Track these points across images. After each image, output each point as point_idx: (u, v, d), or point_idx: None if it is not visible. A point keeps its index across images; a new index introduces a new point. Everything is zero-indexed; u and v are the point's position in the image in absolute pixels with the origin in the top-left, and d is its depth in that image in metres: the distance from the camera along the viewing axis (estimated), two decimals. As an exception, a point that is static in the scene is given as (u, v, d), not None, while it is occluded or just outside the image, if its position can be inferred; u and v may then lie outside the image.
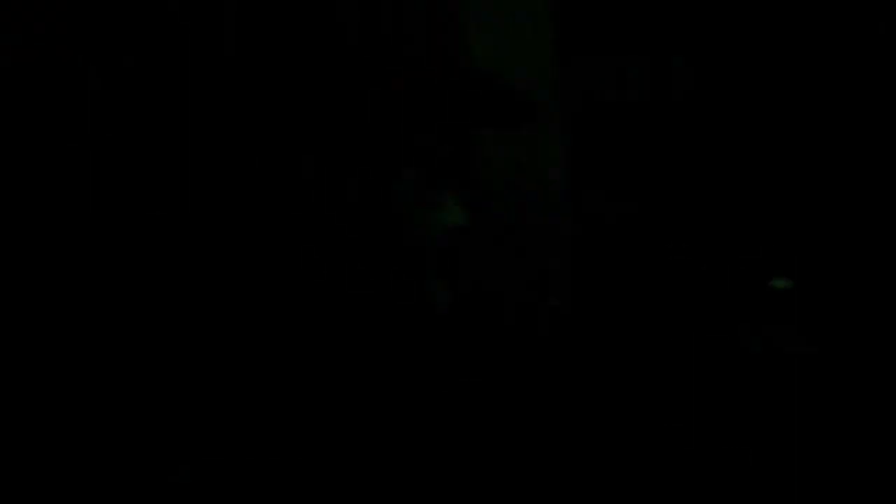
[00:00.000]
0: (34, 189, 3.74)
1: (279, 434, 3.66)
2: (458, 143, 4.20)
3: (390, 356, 3.89)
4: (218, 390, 3.76)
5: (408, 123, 3.90)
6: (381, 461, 3.55)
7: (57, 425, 3.59)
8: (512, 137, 4.42)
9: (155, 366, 3.74)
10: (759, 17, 4.34)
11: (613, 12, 4.51)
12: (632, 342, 4.26)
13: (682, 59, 4.44)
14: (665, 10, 4.46)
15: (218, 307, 3.83)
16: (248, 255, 3.91)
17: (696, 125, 4.51)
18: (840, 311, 4.23)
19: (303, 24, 3.98)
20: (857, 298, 4.25)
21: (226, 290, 3.86)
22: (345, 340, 3.89)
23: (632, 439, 3.74)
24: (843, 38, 4.28)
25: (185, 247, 3.84)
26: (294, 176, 3.93)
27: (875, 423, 3.86)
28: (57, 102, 3.77)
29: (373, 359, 3.89)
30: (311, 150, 3.93)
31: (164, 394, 3.71)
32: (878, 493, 3.32)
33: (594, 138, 4.64)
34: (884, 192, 4.30)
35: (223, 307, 3.84)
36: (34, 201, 3.74)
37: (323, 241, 3.96)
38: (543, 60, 4.49)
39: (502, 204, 4.49)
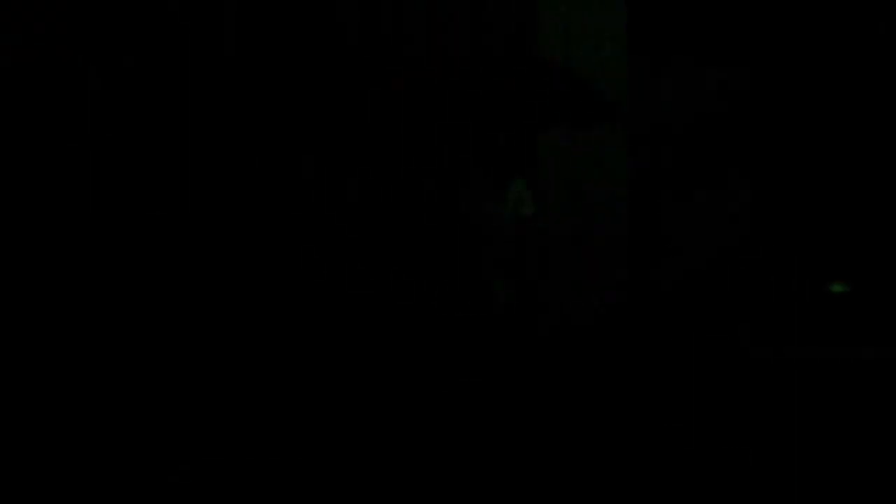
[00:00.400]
0: (34, 188, 3.74)
1: (280, 434, 3.65)
2: (526, 135, 4.19)
3: (448, 347, 3.88)
4: (218, 390, 3.76)
5: (478, 116, 3.89)
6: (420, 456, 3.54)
7: (57, 425, 3.58)
8: (577, 133, 4.43)
9: (156, 366, 3.74)
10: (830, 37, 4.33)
11: (685, 19, 4.50)
12: (685, 341, 4.26)
13: (749, 70, 4.43)
14: (733, 21, 4.46)
15: (224, 307, 3.83)
16: (257, 253, 3.90)
17: (757, 133, 4.51)
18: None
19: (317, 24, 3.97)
20: None
21: (231, 290, 3.85)
22: (393, 332, 3.89)
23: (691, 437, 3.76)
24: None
25: (186, 246, 3.84)
26: (350, 169, 3.92)
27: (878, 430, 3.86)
28: (57, 102, 3.76)
29: (424, 349, 3.89)
30: (371, 144, 3.92)
31: (164, 393, 3.71)
32: (877, 496, 3.32)
33: (658, 140, 4.64)
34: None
35: (229, 307, 3.83)
36: (34, 200, 3.74)
37: (387, 231, 3.96)
38: (619, 63, 4.49)
39: (563, 198, 4.50)
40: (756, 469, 3.53)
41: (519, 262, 3.99)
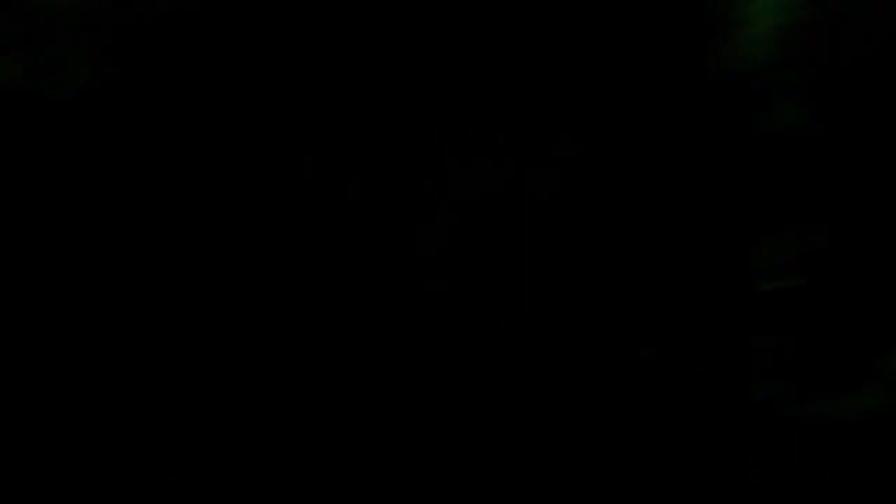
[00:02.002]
0: (33, 189, 3.75)
1: (280, 434, 3.66)
2: None
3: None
4: (220, 390, 3.76)
5: None
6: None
7: (56, 424, 3.59)
8: None
9: (155, 365, 3.74)
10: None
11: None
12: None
13: None
14: None
15: (224, 307, 3.83)
16: (259, 252, 3.90)
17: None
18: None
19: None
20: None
21: (232, 290, 3.86)
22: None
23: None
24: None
25: (185, 246, 3.84)
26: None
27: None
28: (56, 102, 3.76)
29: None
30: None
31: (163, 393, 3.71)
32: (877, 497, 3.33)
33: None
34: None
35: (229, 307, 3.84)
36: (34, 202, 3.74)
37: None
38: None
39: None
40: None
41: None
